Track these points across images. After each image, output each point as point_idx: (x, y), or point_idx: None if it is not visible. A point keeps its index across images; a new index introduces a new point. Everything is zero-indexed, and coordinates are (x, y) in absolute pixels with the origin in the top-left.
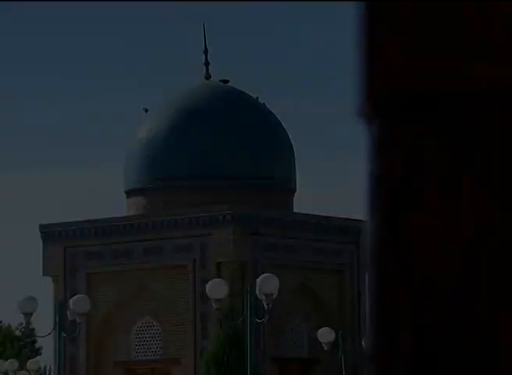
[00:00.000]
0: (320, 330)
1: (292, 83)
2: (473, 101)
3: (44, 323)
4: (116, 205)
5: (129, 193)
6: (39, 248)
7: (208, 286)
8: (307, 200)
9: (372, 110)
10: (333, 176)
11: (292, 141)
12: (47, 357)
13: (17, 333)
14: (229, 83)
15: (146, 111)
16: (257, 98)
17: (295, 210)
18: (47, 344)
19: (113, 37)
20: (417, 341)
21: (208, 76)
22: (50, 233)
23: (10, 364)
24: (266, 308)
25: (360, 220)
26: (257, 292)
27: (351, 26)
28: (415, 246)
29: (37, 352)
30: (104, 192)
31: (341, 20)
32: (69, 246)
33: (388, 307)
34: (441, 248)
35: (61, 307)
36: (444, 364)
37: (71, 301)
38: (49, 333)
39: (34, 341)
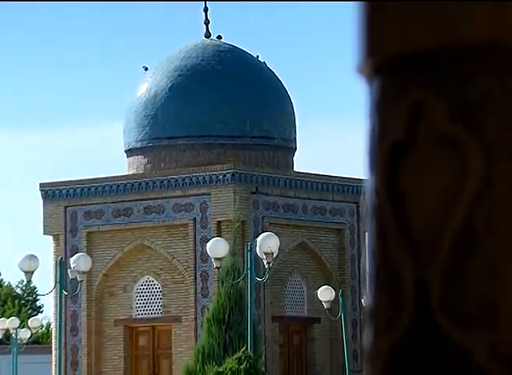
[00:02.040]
0: (320, 289)
1: (293, 42)
2: (473, 60)
3: (45, 282)
4: (117, 164)
5: (129, 152)
6: (39, 206)
7: (208, 245)
8: (307, 159)
9: (372, 69)
10: (334, 136)
11: (292, 100)
12: (48, 315)
13: (18, 291)
14: (230, 42)
15: (146, 69)
16: (258, 56)
17: (295, 169)
18: (48, 302)
19: None
20: (417, 297)
21: (207, 35)
22: (50, 192)
23: (11, 322)
24: (266, 266)
25: (361, 179)
26: (257, 251)
27: None
28: (415, 204)
29: (38, 310)
30: (104, 151)
31: None
32: (70, 205)
33: (388, 265)
34: (441, 205)
35: (61, 265)
36: (445, 318)
37: (72, 259)
38: (50, 292)
39: (35, 300)
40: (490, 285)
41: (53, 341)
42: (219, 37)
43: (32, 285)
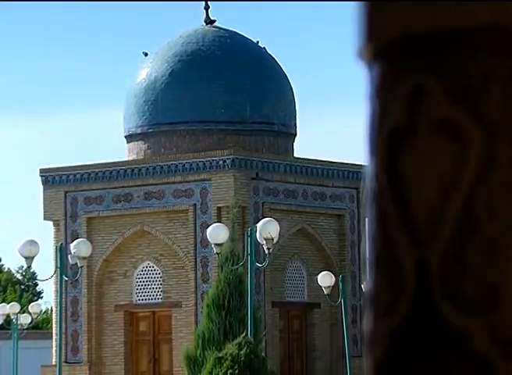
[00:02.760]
0: (320, 274)
1: (293, 28)
2: (473, 43)
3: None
4: (117, 149)
5: (129, 138)
6: (40, 192)
7: (208, 230)
8: (307, 145)
9: (372, 53)
10: (334, 121)
11: (293, 86)
12: (48, 300)
13: (18, 277)
14: (230, 28)
15: (146, 55)
16: (258, 42)
17: (296, 155)
18: (48, 288)
19: None
20: (417, 281)
21: (208, 20)
22: (50, 178)
23: (12, 307)
24: (266, 252)
25: (361, 165)
26: (257, 236)
27: None
28: (415, 188)
29: (38, 296)
30: (105, 137)
31: None
32: (70, 191)
33: (387, 249)
34: (441, 190)
35: (62, 251)
36: (445, 302)
37: (72, 245)
38: (50, 277)
39: (36, 285)
40: (490, 268)
41: (53, 326)
42: (212, 22)
43: (32, 271)
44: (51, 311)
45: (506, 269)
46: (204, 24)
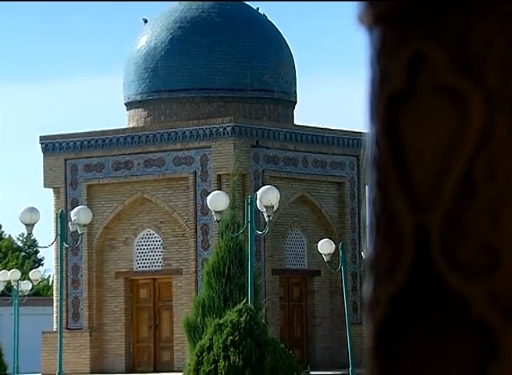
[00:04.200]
0: (320, 242)
1: None
2: (473, 10)
3: (45, 235)
4: (118, 117)
5: (129, 105)
6: (40, 159)
7: (208, 198)
8: (307, 112)
9: (372, 19)
10: (334, 89)
11: (293, 53)
12: (49, 267)
13: (19, 244)
14: None
15: (145, 22)
16: (258, 8)
17: (296, 122)
18: (49, 255)
19: None
20: (417, 246)
21: None
22: (50, 145)
23: (13, 274)
24: (266, 220)
25: (361, 132)
26: (257, 204)
27: None
28: (415, 153)
29: (39, 263)
30: (105, 104)
31: None
32: (70, 158)
33: (388, 214)
34: (441, 154)
35: (62, 218)
36: (445, 266)
37: (72, 212)
38: (51, 244)
39: (36, 252)
40: (491, 232)
41: (54, 293)
42: None
43: (33, 238)
44: (52, 278)
45: (507, 232)
46: None
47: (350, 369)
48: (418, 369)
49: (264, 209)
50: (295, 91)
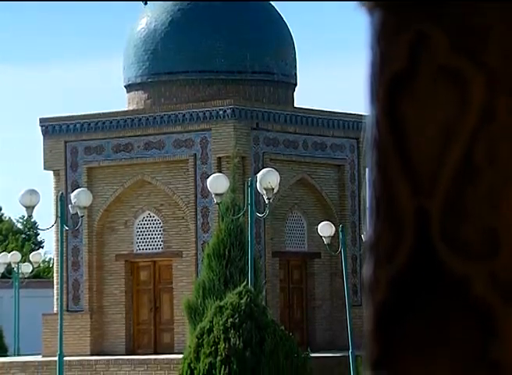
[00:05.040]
0: (320, 224)
1: None
2: None
3: (46, 217)
4: (117, 99)
5: (129, 87)
6: (40, 142)
7: (208, 180)
8: (308, 95)
9: (373, 0)
10: (334, 71)
11: (293, 35)
12: (49, 250)
13: (19, 226)
14: None
15: (145, 3)
16: None
17: (296, 105)
18: (49, 237)
19: None
20: (417, 227)
21: None
22: (50, 128)
23: (13, 256)
24: (267, 202)
25: (361, 115)
26: (257, 187)
27: None
28: (416, 134)
29: (39, 245)
30: (105, 86)
31: None
32: (70, 140)
33: (388, 195)
34: (442, 135)
35: (62, 200)
36: (445, 247)
37: (72, 194)
38: (51, 226)
39: (37, 234)
40: (490, 214)
41: (55, 275)
42: None
43: (33, 220)
44: (52, 260)
45: (506, 214)
46: None
47: (350, 351)
48: (419, 351)
49: (265, 192)
50: (295, 74)
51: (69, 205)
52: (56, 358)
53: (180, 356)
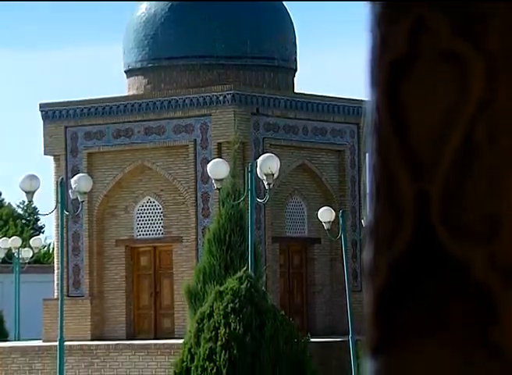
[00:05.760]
0: (320, 210)
1: None
2: None
3: (46, 203)
4: (117, 84)
5: (129, 72)
6: (40, 127)
7: (208, 166)
8: (308, 80)
9: None
10: (335, 56)
11: (293, 20)
12: (50, 235)
13: (19, 211)
14: None
15: None
16: None
17: (296, 90)
18: (50, 222)
19: None
20: (417, 211)
21: None
22: (50, 113)
23: (13, 241)
24: (267, 188)
25: (362, 100)
26: (257, 172)
27: None
28: (416, 118)
29: (39, 230)
30: (105, 71)
31: None
32: (70, 125)
33: (388, 180)
34: (442, 119)
35: (62, 186)
36: (445, 231)
37: (72, 180)
38: (51, 212)
39: (37, 220)
40: (491, 197)
41: (55, 260)
42: None
43: (33, 205)
44: (52, 245)
45: (507, 197)
46: None
47: (350, 335)
48: (419, 336)
49: (265, 177)
50: (295, 59)
51: (69, 191)
52: (57, 343)
53: (181, 341)
